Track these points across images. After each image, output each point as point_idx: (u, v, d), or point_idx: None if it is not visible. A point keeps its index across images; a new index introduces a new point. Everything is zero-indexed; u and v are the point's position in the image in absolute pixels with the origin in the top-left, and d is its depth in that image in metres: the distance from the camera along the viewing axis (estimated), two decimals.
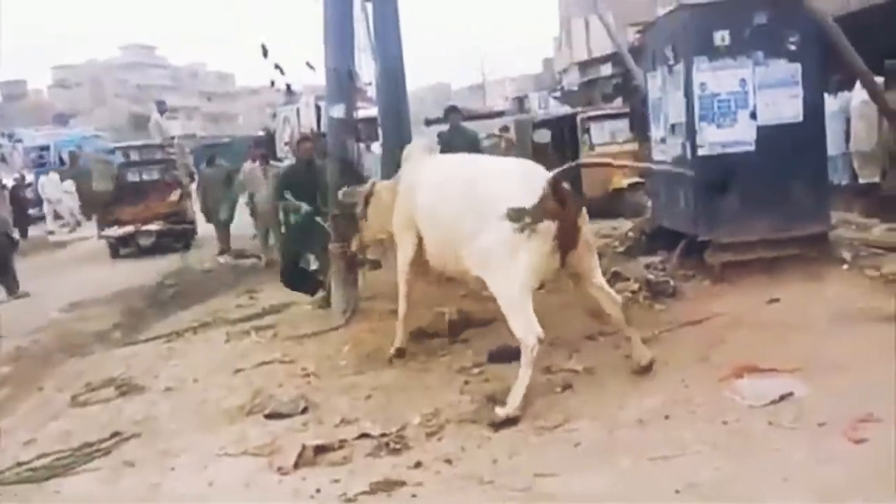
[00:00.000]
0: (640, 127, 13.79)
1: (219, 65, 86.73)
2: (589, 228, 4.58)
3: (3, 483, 4.03)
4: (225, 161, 13.32)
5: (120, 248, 13.45)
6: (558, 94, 26.26)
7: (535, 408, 4.25)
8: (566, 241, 4.27)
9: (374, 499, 3.46)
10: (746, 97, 5.86)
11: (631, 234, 7.49)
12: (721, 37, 5.80)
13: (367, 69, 7.85)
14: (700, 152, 5.92)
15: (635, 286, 6.04)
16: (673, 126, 6.31)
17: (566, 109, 20.20)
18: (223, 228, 12.21)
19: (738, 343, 4.71)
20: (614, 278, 6.38)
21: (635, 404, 4.07)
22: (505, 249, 4.23)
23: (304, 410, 4.60)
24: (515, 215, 4.16)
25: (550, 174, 4.30)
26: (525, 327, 4.19)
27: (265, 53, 11.20)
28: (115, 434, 4.53)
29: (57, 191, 19.65)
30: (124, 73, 54.18)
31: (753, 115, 5.88)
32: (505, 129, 13.56)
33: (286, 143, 17.54)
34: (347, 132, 6.11)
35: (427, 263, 5.13)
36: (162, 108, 17.65)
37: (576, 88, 24.58)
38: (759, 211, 5.92)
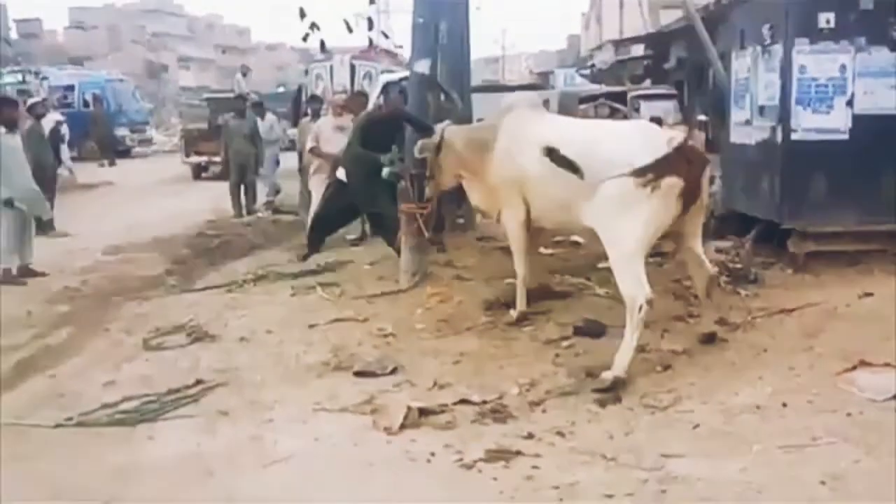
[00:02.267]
0: (694, 108, 13.65)
1: (236, 18, 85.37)
2: (707, 188, 4.71)
3: (94, 424, 3.93)
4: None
5: (201, 173, 16.88)
6: (587, 71, 25.90)
7: (637, 385, 4.17)
8: (689, 198, 4.35)
9: (492, 467, 3.36)
10: (845, 84, 5.71)
11: None
12: (826, 19, 5.63)
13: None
14: (793, 137, 5.77)
15: (713, 270, 5.93)
16: (762, 108, 6.15)
17: (595, 87, 20.00)
18: (253, 183, 12.02)
19: (838, 335, 4.62)
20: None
21: (747, 390, 3.97)
22: (626, 202, 4.25)
23: (394, 371, 4.51)
24: (639, 171, 4.22)
25: (679, 135, 4.44)
26: (635, 284, 4.23)
27: (302, 15, 11.02)
28: (199, 381, 4.42)
29: None
30: (141, 19, 53.30)
31: (850, 103, 5.73)
32: (546, 102, 13.36)
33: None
34: (430, 88, 5.93)
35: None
36: (244, 70, 20.28)
37: (606, 67, 24.23)
38: (848, 202, 5.81)
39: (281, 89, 28.90)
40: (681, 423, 3.69)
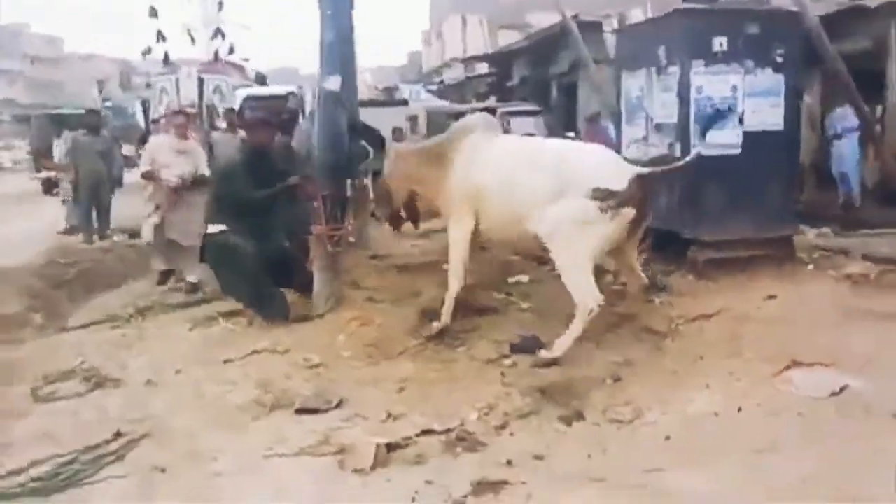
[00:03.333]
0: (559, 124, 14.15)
1: (45, 26, 78.51)
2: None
3: (8, 497, 3.32)
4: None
5: (52, 188, 14.97)
6: (434, 87, 26.29)
7: (594, 399, 4.17)
8: (635, 225, 4.84)
9: (484, 500, 3.20)
10: (736, 103, 6.10)
11: None
12: (719, 43, 5.99)
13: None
14: (693, 152, 6.07)
15: (624, 279, 6.11)
16: (659, 125, 6.43)
17: (444, 103, 20.33)
18: (108, 205, 11.00)
19: (759, 338, 4.85)
20: (595, 271, 6.46)
21: (700, 398, 4.08)
22: (583, 221, 4.63)
23: (339, 405, 4.21)
24: (602, 195, 4.59)
25: (645, 170, 4.86)
26: (586, 291, 4.67)
27: (154, 14, 10.30)
28: (119, 434, 3.90)
29: None
30: None
31: (741, 121, 6.12)
32: (413, 118, 13.36)
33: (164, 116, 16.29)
34: (341, 106, 5.67)
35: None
36: (101, 86, 21.01)
37: (453, 83, 24.76)
38: (739, 212, 6.19)
39: (108, 103, 26.90)
40: (652, 437, 3.71)
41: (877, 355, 4.39)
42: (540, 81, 22.46)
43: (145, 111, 16.53)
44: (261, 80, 21.00)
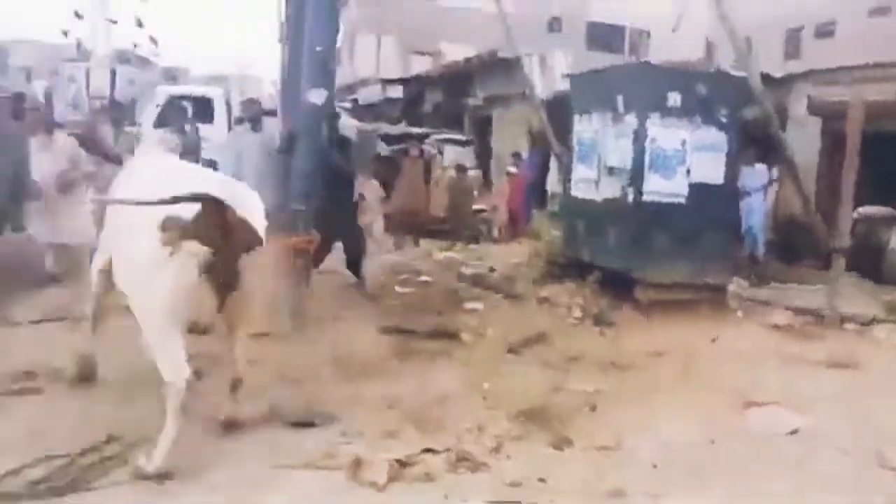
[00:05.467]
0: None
1: None
2: (254, 279, 3.88)
3: (9, 499, 3.15)
4: None
5: None
6: (347, 105, 26.23)
7: (580, 426, 4.37)
8: (222, 280, 3.61)
9: None
10: (685, 155, 6.62)
11: (539, 262, 7.89)
12: (674, 98, 6.50)
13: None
14: (645, 198, 6.53)
15: (578, 313, 6.47)
16: (611, 168, 6.86)
17: (358, 123, 20.39)
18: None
19: (710, 374, 5.28)
20: (547, 303, 6.80)
21: (674, 427, 4.40)
22: (148, 264, 3.47)
23: (333, 420, 4.23)
24: (165, 224, 3.37)
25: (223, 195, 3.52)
26: (171, 366, 3.48)
27: None
28: (112, 438, 3.76)
29: None
30: None
31: (688, 172, 6.65)
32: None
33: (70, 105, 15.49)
34: (322, 120, 5.73)
35: None
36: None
37: (369, 105, 24.82)
38: (682, 256, 6.68)
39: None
40: (640, 462, 3.98)
41: (818, 396, 4.90)
42: (453, 111, 23.01)
43: (48, 99, 15.59)
44: (170, 78, 20.35)
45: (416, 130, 13.45)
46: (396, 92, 25.54)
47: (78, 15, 9.48)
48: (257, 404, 4.27)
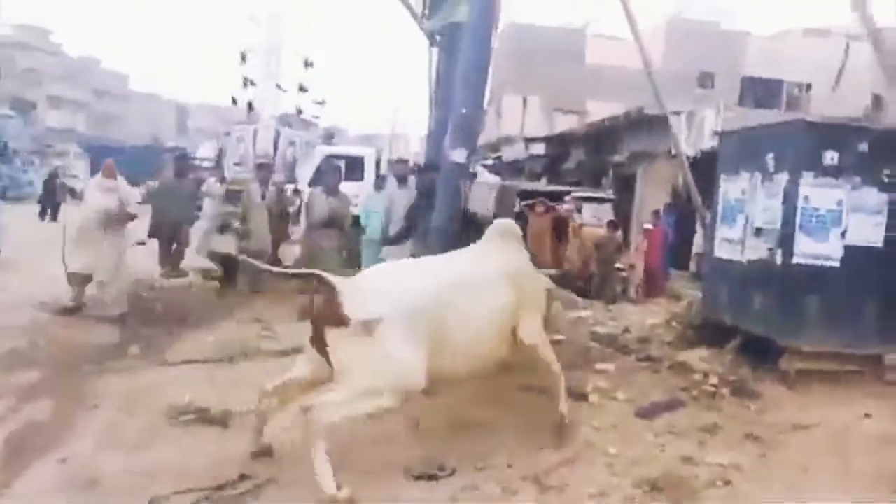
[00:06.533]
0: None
1: (113, 63, 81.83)
2: None
3: None
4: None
5: None
6: (489, 162, 26.81)
7: (706, 501, 4.16)
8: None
9: None
10: (840, 216, 6.21)
11: (675, 324, 7.63)
12: (830, 157, 6.14)
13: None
14: (794, 260, 6.17)
15: (714, 380, 6.15)
16: (759, 229, 6.55)
17: (496, 178, 20.70)
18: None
19: (861, 455, 4.85)
20: (682, 369, 6.51)
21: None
22: None
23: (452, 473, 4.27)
24: None
25: None
26: None
27: (244, 58, 10.84)
28: (244, 476, 3.99)
29: None
30: (13, 51, 50.19)
31: (843, 234, 6.22)
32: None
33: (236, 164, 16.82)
34: (464, 176, 5.92)
35: None
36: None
37: (512, 161, 25.29)
38: (836, 324, 6.20)
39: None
40: None
41: None
42: (596, 168, 22.90)
43: (219, 158, 17.05)
44: (328, 138, 21.65)
45: (553, 188, 13.45)
46: (539, 149, 25.85)
47: (250, 82, 10.34)
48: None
